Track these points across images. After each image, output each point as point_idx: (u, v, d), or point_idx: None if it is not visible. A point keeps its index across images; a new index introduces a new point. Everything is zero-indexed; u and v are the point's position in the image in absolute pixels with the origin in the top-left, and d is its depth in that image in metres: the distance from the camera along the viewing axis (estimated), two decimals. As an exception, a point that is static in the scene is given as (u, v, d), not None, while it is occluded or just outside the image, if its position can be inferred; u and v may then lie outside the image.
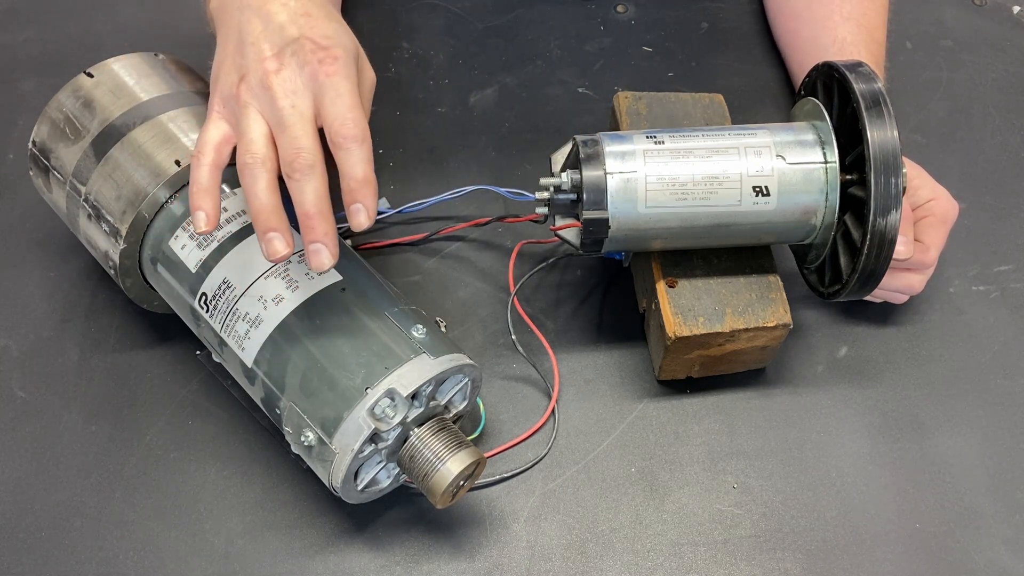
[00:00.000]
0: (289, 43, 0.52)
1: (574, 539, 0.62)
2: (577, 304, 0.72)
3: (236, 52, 0.53)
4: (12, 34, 0.87)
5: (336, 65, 0.52)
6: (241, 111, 0.52)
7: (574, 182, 0.60)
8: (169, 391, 0.67)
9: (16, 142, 0.79)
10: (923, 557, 0.62)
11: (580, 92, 0.84)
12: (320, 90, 0.52)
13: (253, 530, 0.62)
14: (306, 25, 0.53)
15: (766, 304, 0.63)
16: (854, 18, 0.77)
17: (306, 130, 0.51)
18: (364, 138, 0.51)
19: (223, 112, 0.54)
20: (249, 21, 0.53)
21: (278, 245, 0.51)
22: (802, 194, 0.60)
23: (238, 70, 0.53)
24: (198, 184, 0.53)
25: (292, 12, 0.53)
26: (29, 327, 0.70)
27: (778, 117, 0.82)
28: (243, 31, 0.53)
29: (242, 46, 0.53)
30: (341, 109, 0.51)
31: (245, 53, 0.53)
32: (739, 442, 0.67)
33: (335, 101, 0.51)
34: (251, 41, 0.53)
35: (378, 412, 0.53)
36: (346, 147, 0.51)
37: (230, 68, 0.53)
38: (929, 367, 0.71)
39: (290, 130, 0.51)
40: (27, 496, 0.63)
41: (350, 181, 0.51)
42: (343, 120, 0.51)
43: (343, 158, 0.51)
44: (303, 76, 0.52)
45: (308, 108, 0.52)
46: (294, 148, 0.51)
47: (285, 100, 0.51)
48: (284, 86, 0.51)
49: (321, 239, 0.51)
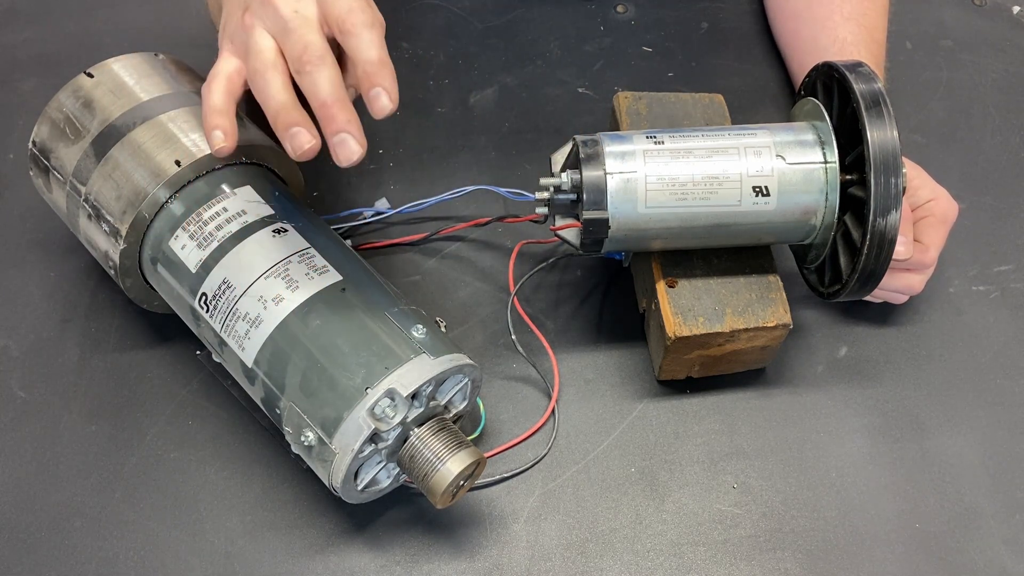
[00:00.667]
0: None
1: (574, 539, 0.62)
2: (577, 304, 0.72)
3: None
4: (12, 34, 0.87)
5: None
6: (247, 34, 0.51)
7: (574, 182, 0.60)
8: (169, 391, 0.67)
9: (16, 142, 0.79)
10: (923, 557, 0.62)
11: (580, 92, 0.84)
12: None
13: (253, 530, 0.62)
14: None
15: (766, 304, 0.63)
16: (854, 18, 0.77)
17: (311, 27, 0.49)
18: (374, 23, 0.49)
19: (232, 48, 0.53)
20: None
21: (302, 138, 0.49)
22: (802, 194, 0.60)
23: (241, 5, 0.52)
24: (211, 105, 0.51)
25: None
26: (29, 327, 0.70)
27: (778, 117, 0.82)
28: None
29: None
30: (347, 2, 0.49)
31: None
32: (739, 442, 0.67)
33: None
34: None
35: (378, 412, 0.53)
36: (354, 32, 0.49)
37: (234, 7, 0.53)
38: (929, 367, 0.71)
39: (295, 32, 0.49)
40: (27, 496, 0.63)
41: (365, 65, 0.49)
42: (348, 8, 0.49)
43: (353, 45, 0.49)
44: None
45: (312, 12, 0.50)
46: (301, 44, 0.49)
47: (287, 8, 0.50)
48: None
49: (344, 127, 0.49)
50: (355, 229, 0.74)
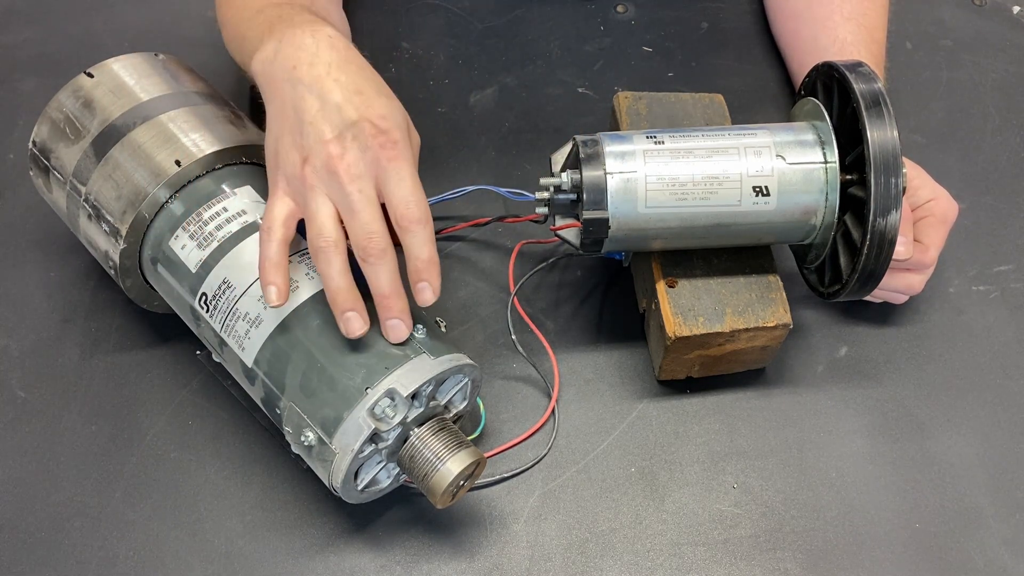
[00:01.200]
0: (349, 127, 0.54)
1: (574, 539, 0.62)
2: (577, 304, 0.72)
3: (295, 131, 0.54)
4: (12, 34, 0.87)
5: (396, 149, 0.54)
6: (308, 193, 0.54)
7: (574, 182, 0.60)
8: (169, 391, 0.67)
9: (16, 142, 0.79)
10: (923, 557, 0.62)
11: (580, 92, 0.84)
12: (383, 174, 0.54)
13: (253, 530, 0.62)
14: (362, 105, 0.54)
15: (766, 304, 0.63)
16: (854, 18, 0.77)
17: (374, 215, 0.53)
18: (427, 220, 0.54)
19: (288, 190, 0.55)
20: (303, 98, 0.54)
21: (355, 324, 0.54)
22: (802, 194, 0.60)
23: (300, 150, 0.54)
24: (269, 260, 0.55)
25: (345, 89, 0.54)
26: (29, 327, 0.70)
27: (778, 117, 0.82)
28: (299, 108, 0.54)
29: (301, 125, 0.54)
30: (404, 193, 0.54)
31: (305, 133, 0.54)
32: (739, 442, 0.67)
33: (399, 185, 0.54)
34: (309, 120, 0.54)
35: (378, 412, 0.53)
36: (412, 230, 0.54)
37: (290, 147, 0.55)
38: (929, 367, 0.71)
39: (360, 215, 0.53)
40: (27, 496, 0.63)
41: (416, 262, 0.54)
42: (407, 204, 0.54)
43: (409, 240, 0.54)
44: (365, 160, 0.54)
45: (373, 191, 0.54)
46: (366, 233, 0.53)
47: (352, 185, 0.53)
48: (349, 171, 0.53)
49: (398, 315, 0.55)
50: (355, 229, 0.74)
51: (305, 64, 0.55)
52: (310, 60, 0.55)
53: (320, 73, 0.55)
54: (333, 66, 0.55)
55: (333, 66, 0.55)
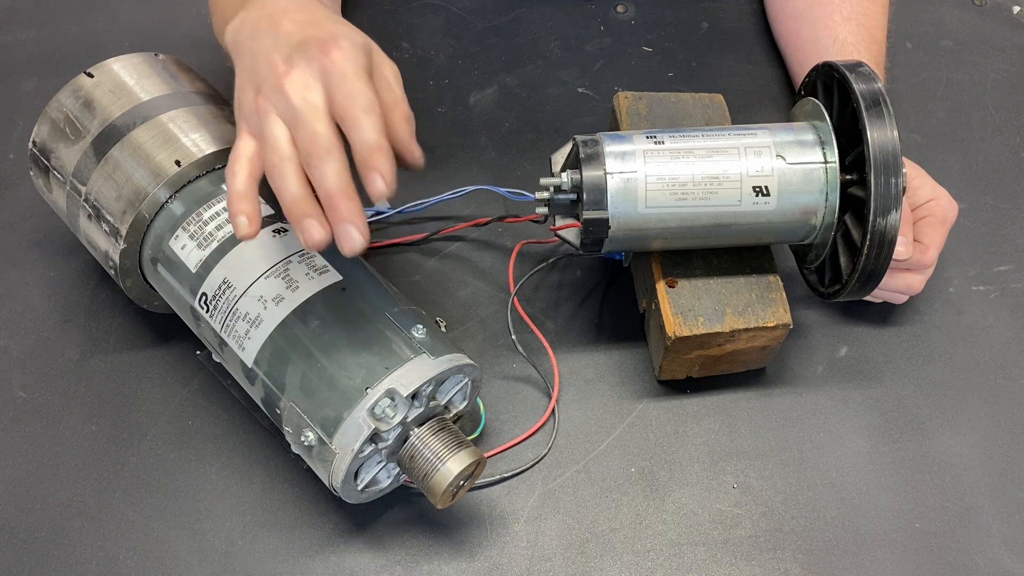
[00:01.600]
0: (296, 47, 0.53)
1: (574, 539, 0.62)
2: (577, 304, 0.72)
3: (251, 71, 0.54)
4: (12, 34, 0.87)
5: (340, 52, 0.52)
6: (263, 120, 0.53)
7: (574, 182, 0.60)
8: (169, 391, 0.67)
9: (16, 142, 0.79)
10: (923, 557, 0.62)
11: (580, 92, 0.84)
12: (327, 78, 0.52)
13: (253, 530, 0.62)
14: (312, 29, 0.54)
15: (766, 304, 0.63)
16: (854, 18, 0.77)
17: (319, 117, 0.51)
18: (371, 108, 0.51)
19: (248, 129, 0.55)
20: (260, 41, 0.54)
21: (314, 232, 0.51)
22: (802, 194, 0.60)
23: (254, 86, 0.54)
24: (235, 192, 0.53)
25: (297, 22, 0.54)
26: (29, 327, 0.70)
27: (778, 117, 0.82)
28: (255, 51, 0.54)
29: (256, 63, 0.54)
30: (346, 87, 0.52)
31: (258, 69, 0.54)
32: (739, 442, 0.67)
33: (340, 83, 0.52)
34: (263, 56, 0.54)
35: (378, 412, 0.53)
36: (352, 116, 0.51)
37: (247, 86, 0.55)
38: (929, 367, 0.71)
39: (303, 122, 0.51)
40: (27, 496, 0.63)
41: (362, 149, 0.51)
42: (347, 94, 0.51)
43: (351, 129, 0.51)
44: (312, 71, 0.52)
45: (320, 100, 0.52)
46: (309, 135, 0.51)
47: (296, 97, 0.52)
48: (294, 85, 0.52)
49: (348, 218, 0.51)
50: (355, 229, 0.74)
51: (266, 17, 0.55)
52: (270, 12, 0.55)
53: (277, 17, 0.55)
54: (292, 10, 0.55)
55: (292, 10, 0.55)
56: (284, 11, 0.55)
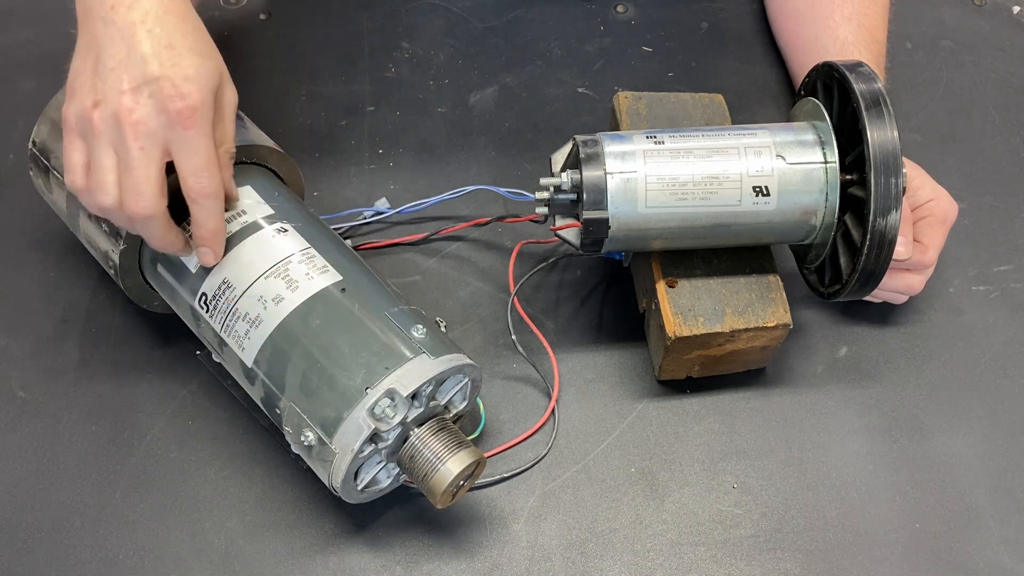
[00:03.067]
0: (149, 82, 0.53)
1: (574, 539, 0.62)
2: (577, 304, 0.72)
3: (94, 73, 0.54)
4: (12, 34, 0.87)
5: (194, 117, 0.53)
6: (94, 139, 0.54)
7: (574, 182, 0.60)
8: (169, 391, 0.67)
9: (16, 142, 0.79)
10: (923, 557, 0.62)
11: (580, 92, 0.84)
12: (177, 142, 0.53)
13: (253, 530, 0.62)
14: (168, 61, 0.53)
15: (766, 304, 0.63)
16: (855, 18, 0.77)
17: (148, 176, 0.53)
18: (217, 193, 0.55)
19: (77, 129, 0.55)
20: (113, 42, 0.54)
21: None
22: (802, 194, 0.60)
23: (94, 92, 0.54)
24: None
25: (156, 42, 0.53)
26: (29, 327, 0.70)
27: (778, 117, 0.82)
28: (105, 51, 0.54)
29: (100, 69, 0.54)
30: (196, 164, 0.54)
31: (103, 78, 0.53)
32: (739, 442, 0.67)
33: (192, 156, 0.54)
34: (112, 67, 0.53)
35: (378, 412, 0.53)
36: (201, 203, 0.55)
37: (87, 86, 0.54)
38: (929, 367, 0.71)
39: (134, 173, 0.53)
40: (27, 496, 0.63)
41: (203, 231, 0.56)
42: (198, 176, 0.54)
43: (196, 211, 0.55)
44: (158, 120, 0.53)
45: (157, 152, 0.53)
46: (135, 193, 0.53)
47: (135, 142, 0.53)
48: (136, 128, 0.53)
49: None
50: (355, 229, 0.75)
51: (124, 6, 0.54)
52: (130, 3, 0.54)
53: (135, 19, 0.54)
54: (151, 15, 0.54)
55: (151, 15, 0.54)
56: (144, 13, 0.54)
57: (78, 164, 0.55)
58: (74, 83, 0.55)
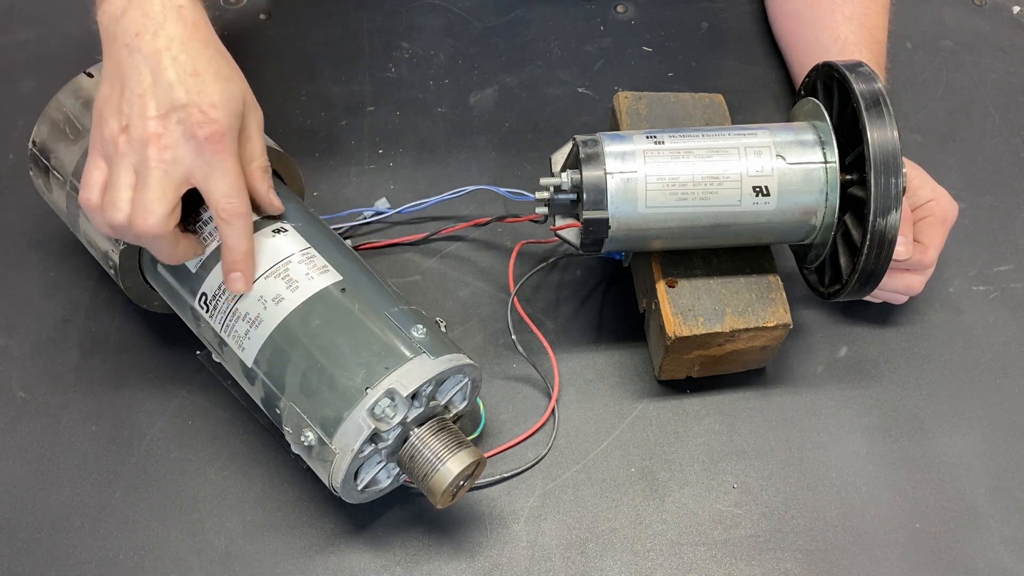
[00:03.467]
0: (176, 109, 0.54)
1: (574, 539, 0.62)
2: (577, 304, 0.72)
3: (121, 99, 0.54)
4: (12, 34, 0.87)
5: (222, 142, 0.54)
6: (117, 160, 0.54)
7: (574, 182, 0.60)
8: (169, 391, 0.67)
9: (16, 142, 0.79)
10: (923, 557, 0.62)
11: (580, 92, 0.84)
12: (206, 167, 0.54)
13: (253, 530, 0.62)
14: (195, 88, 0.54)
15: (766, 304, 0.63)
16: (855, 18, 0.77)
17: (162, 197, 0.54)
18: (246, 213, 0.56)
19: (102, 152, 0.55)
20: (138, 70, 0.54)
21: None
22: (802, 194, 0.60)
23: (121, 117, 0.54)
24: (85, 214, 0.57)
25: (181, 69, 0.54)
26: (29, 327, 0.70)
27: (778, 117, 0.82)
28: (131, 79, 0.54)
29: (128, 95, 0.54)
30: (225, 187, 0.55)
31: (131, 104, 0.54)
32: (739, 442, 0.67)
33: (222, 179, 0.54)
34: (139, 93, 0.54)
35: (378, 412, 0.53)
36: (231, 223, 0.55)
37: (115, 111, 0.55)
38: (929, 367, 0.71)
39: (149, 191, 0.54)
40: (27, 496, 0.63)
41: (234, 253, 0.56)
42: (228, 198, 0.55)
43: (228, 232, 0.55)
44: (186, 147, 0.54)
45: (180, 177, 0.54)
46: (144, 211, 0.54)
47: (158, 165, 0.53)
48: (162, 153, 0.53)
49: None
50: (355, 229, 0.75)
51: (148, 33, 0.54)
52: (154, 30, 0.54)
53: (160, 47, 0.54)
54: (175, 41, 0.55)
55: (175, 41, 0.55)
56: (169, 40, 0.55)
57: (96, 183, 0.55)
58: (102, 109, 0.55)
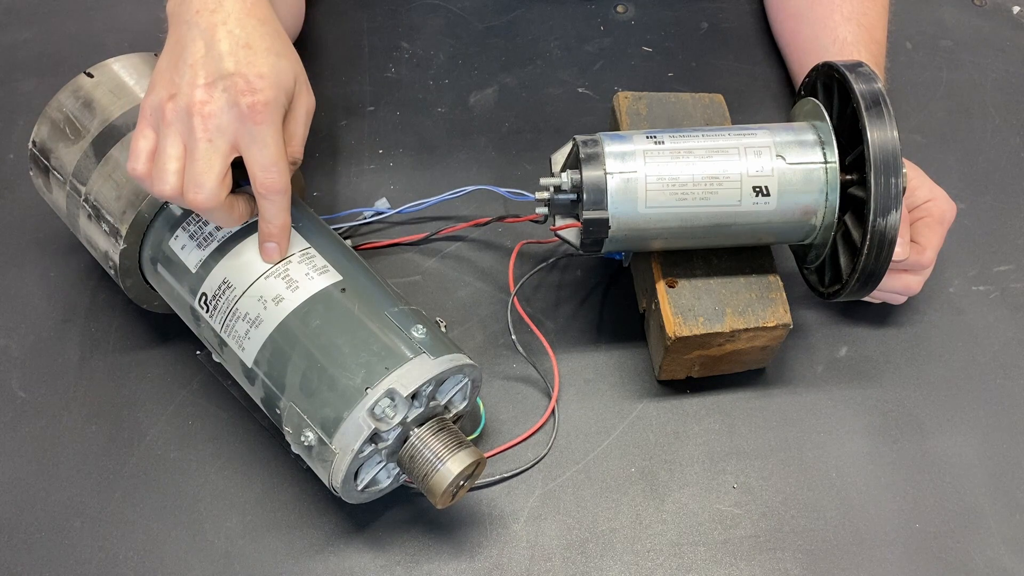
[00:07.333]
0: (223, 77, 0.54)
1: (574, 539, 0.62)
2: (577, 304, 0.72)
3: (174, 68, 0.55)
4: (12, 34, 0.87)
5: (265, 112, 0.54)
6: (164, 128, 0.55)
7: (574, 182, 0.60)
8: (169, 391, 0.67)
9: (16, 142, 0.79)
10: (923, 557, 0.62)
11: (580, 92, 0.84)
12: (248, 136, 0.54)
13: (253, 530, 0.62)
14: (244, 60, 0.54)
15: (766, 304, 0.63)
16: (854, 18, 0.77)
17: (210, 168, 0.54)
18: (285, 189, 0.56)
19: (150, 120, 0.56)
20: (194, 41, 0.55)
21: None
22: (802, 194, 0.60)
23: (171, 86, 0.55)
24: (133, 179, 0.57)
25: (234, 42, 0.55)
26: (29, 327, 0.70)
27: (778, 117, 0.82)
28: (186, 49, 0.55)
29: (181, 65, 0.55)
30: (266, 159, 0.55)
31: (182, 73, 0.55)
32: (739, 442, 0.67)
33: (262, 151, 0.54)
34: (190, 63, 0.54)
35: (378, 412, 0.53)
36: (269, 197, 0.55)
37: (165, 82, 0.55)
38: (929, 367, 0.71)
39: (197, 163, 0.54)
40: (27, 496, 0.63)
41: (270, 226, 0.57)
42: (267, 170, 0.55)
43: (265, 206, 0.56)
44: (229, 115, 0.54)
45: (225, 147, 0.54)
46: (195, 183, 0.54)
47: (204, 134, 0.54)
48: (207, 121, 0.54)
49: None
50: (355, 229, 0.75)
51: (207, 10, 0.55)
52: (213, 7, 0.55)
53: (217, 21, 0.55)
54: (232, 16, 0.55)
55: (232, 16, 0.55)
56: (227, 14, 0.55)
57: (143, 151, 0.55)
58: (155, 79, 0.56)
